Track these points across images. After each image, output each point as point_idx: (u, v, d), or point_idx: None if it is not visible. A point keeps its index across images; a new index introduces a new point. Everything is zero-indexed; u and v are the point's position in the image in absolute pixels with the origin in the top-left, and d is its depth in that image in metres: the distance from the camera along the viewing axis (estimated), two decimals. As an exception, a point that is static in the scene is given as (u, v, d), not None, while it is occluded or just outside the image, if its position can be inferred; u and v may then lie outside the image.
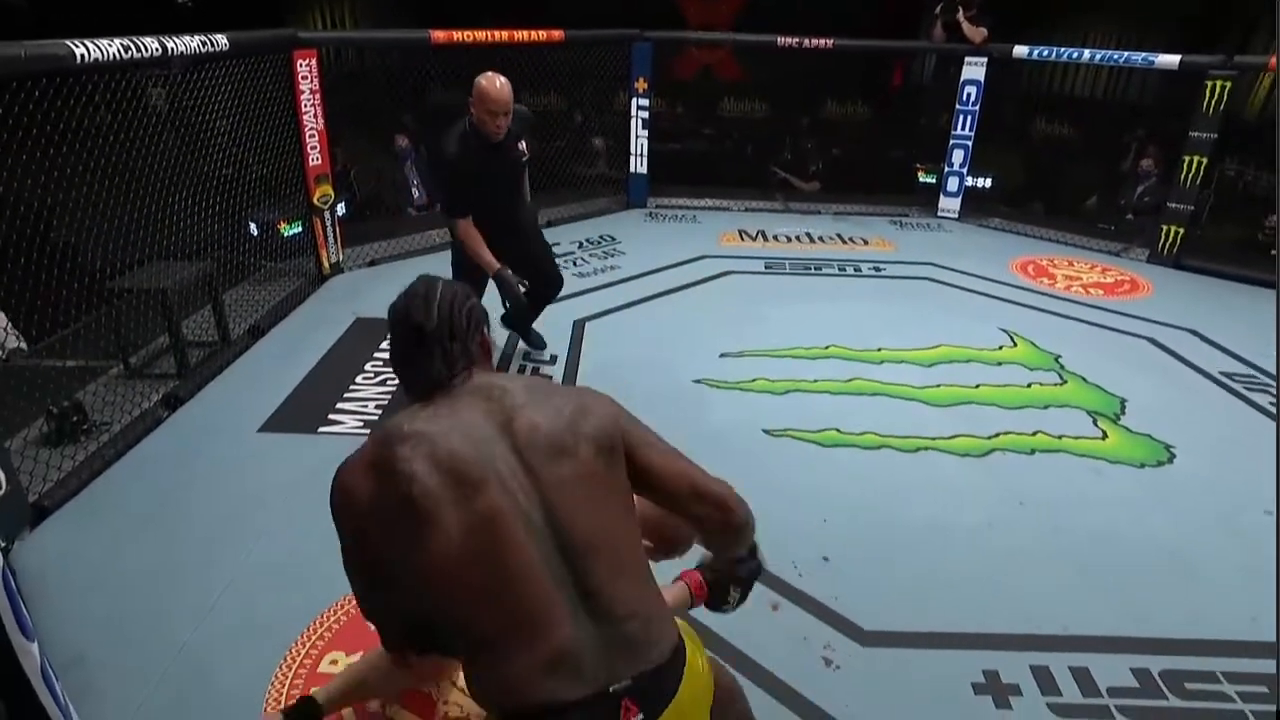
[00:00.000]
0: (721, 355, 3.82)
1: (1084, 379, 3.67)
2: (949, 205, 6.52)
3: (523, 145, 3.12)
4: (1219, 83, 5.11)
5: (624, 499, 1.12)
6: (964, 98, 6.18)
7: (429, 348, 1.14)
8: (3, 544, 2.34)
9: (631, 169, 6.57)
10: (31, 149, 2.76)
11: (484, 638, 1.01)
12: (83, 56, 2.75)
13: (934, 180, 6.69)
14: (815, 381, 3.56)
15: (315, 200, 4.68)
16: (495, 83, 2.89)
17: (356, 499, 1.11)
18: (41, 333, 3.07)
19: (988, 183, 6.61)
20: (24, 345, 3.04)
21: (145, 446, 3.01)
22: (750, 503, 1.42)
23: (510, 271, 3.20)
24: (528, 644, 0.98)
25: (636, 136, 6.46)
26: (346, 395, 3.42)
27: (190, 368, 3.55)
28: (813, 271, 5.18)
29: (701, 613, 1.87)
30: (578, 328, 4.19)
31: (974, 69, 6.12)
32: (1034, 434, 3.18)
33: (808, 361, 3.78)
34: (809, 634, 2.15)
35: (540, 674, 0.98)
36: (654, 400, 3.35)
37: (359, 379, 3.59)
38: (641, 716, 0.99)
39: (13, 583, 1.40)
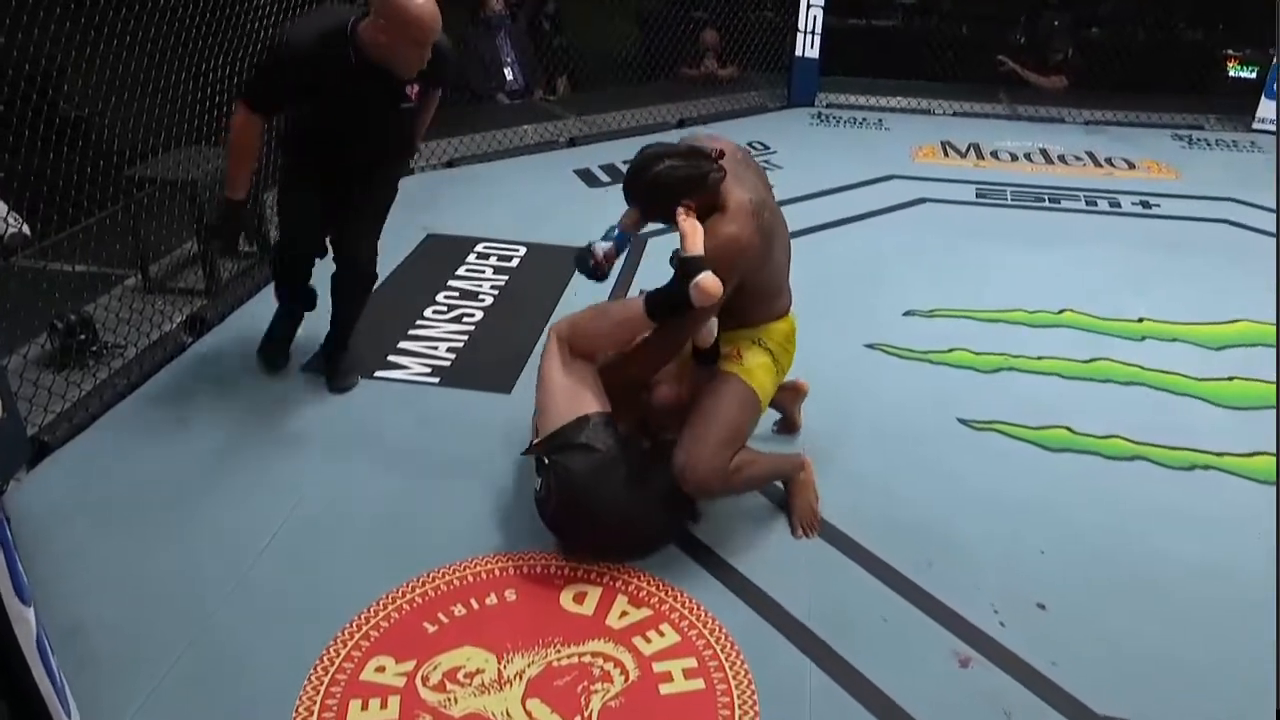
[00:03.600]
0: (907, 313, 3.74)
1: None
2: (1274, 112, 5.98)
3: (414, 91, 2.84)
4: None
5: None
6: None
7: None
8: (-2, 485, 2.57)
9: (798, 51, 6.42)
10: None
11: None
12: None
13: (1253, 74, 6.16)
14: (1039, 359, 3.43)
15: (380, 77, 4.82)
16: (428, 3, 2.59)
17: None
18: (46, 228, 3.31)
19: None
20: (26, 231, 3.24)
21: (164, 378, 3.22)
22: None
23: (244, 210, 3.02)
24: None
25: (809, 6, 6.28)
26: (412, 332, 3.54)
27: (221, 284, 3.76)
28: (1047, 204, 4.94)
29: (851, 649, 2.21)
30: (636, 242, 4.16)
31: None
32: (1385, 462, 2.91)
33: (1030, 330, 3.64)
34: (1012, 706, 2.07)
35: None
36: (810, 368, 3.29)
37: (428, 312, 3.70)
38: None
39: (8, 533, 1.52)
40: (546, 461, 2.34)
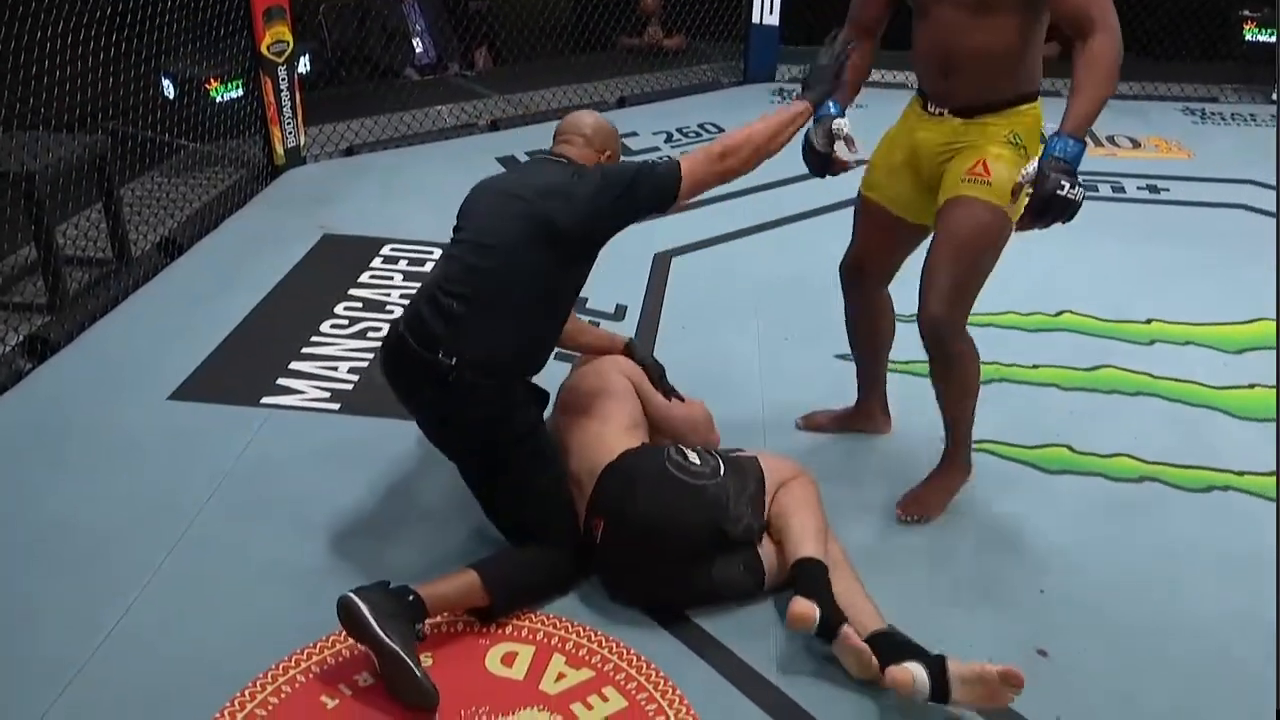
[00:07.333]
0: (885, 319, 3.77)
1: None
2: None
3: None
4: None
5: None
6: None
7: None
8: None
9: (754, 17, 6.49)
10: None
11: None
12: None
13: (1273, 38, 6.31)
14: (1034, 368, 3.50)
15: (264, 48, 4.77)
16: None
17: None
18: None
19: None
20: None
21: (-5, 414, 3.15)
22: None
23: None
24: None
25: (764, -40, 6.37)
26: (306, 350, 3.51)
27: (68, 297, 3.69)
28: (1043, 191, 5.02)
29: (824, 707, 2.01)
30: (659, 265, 4.19)
31: None
32: None
33: (1023, 335, 3.71)
34: (1009, 768, 2.09)
35: None
36: (777, 380, 3.34)
37: (326, 326, 3.68)
38: None
39: None
40: (725, 458, 2.50)
